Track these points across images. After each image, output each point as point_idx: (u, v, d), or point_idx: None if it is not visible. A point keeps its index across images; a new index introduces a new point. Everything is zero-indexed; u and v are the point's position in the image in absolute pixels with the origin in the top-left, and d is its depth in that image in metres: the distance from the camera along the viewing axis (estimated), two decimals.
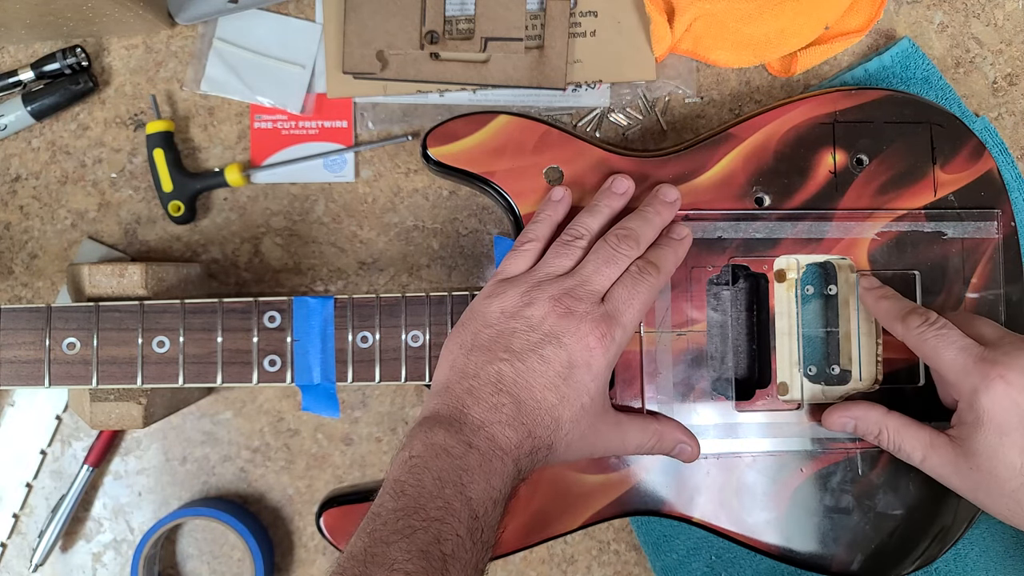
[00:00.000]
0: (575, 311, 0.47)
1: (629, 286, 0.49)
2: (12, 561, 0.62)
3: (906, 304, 0.53)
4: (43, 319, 0.51)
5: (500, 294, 0.48)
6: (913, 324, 0.51)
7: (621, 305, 0.48)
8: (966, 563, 0.60)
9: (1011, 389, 0.47)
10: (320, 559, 0.62)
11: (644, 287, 0.49)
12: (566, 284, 0.48)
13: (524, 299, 0.47)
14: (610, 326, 0.47)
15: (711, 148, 0.55)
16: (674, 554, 0.60)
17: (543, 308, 0.47)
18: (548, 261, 0.49)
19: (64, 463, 0.62)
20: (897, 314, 0.52)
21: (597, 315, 0.47)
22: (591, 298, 0.48)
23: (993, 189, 0.56)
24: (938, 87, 0.62)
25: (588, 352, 0.46)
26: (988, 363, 0.48)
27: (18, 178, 0.62)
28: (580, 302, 0.47)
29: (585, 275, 0.48)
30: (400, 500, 0.42)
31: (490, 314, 0.48)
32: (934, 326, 0.50)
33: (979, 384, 0.48)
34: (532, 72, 0.60)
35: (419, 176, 0.63)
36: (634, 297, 0.48)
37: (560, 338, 0.46)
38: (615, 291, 0.48)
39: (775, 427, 0.54)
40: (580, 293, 0.47)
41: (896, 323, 0.52)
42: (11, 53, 0.62)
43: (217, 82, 0.62)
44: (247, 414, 0.62)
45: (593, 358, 0.47)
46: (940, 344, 0.49)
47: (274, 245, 0.62)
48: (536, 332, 0.46)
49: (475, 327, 0.48)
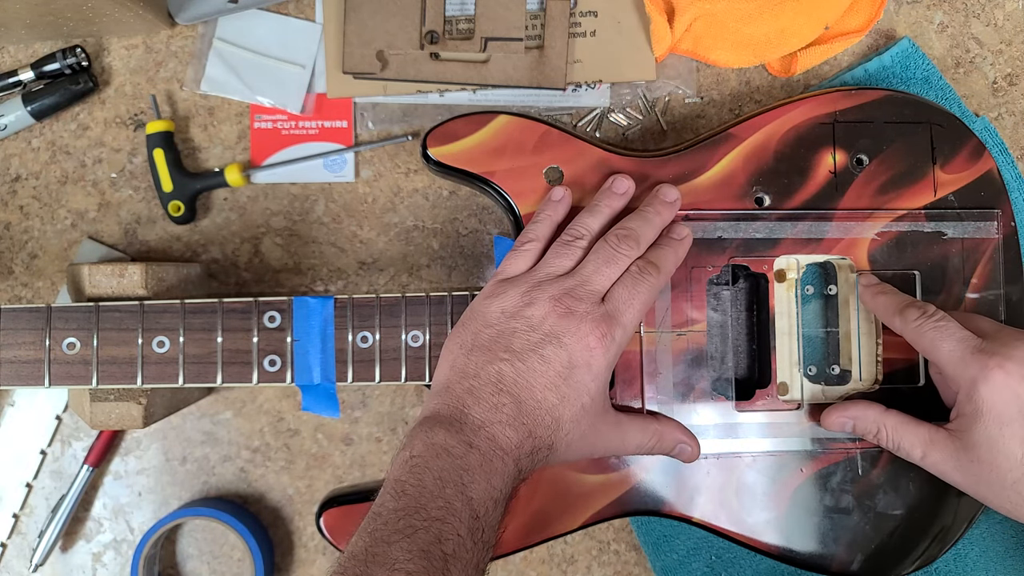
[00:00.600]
0: (575, 311, 0.47)
1: (629, 286, 0.49)
2: (12, 561, 0.62)
3: (904, 298, 0.53)
4: (43, 319, 0.51)
5: (500, 294, 0.48)
6: (911, 317, 0.51)
7: (621, 305, 0.48)
8: (966, 563, 0.60)
9: (1010, 379, 0.47)
10: (320, 559, 0.62)
11: (644, 287, 0.49)
12: (566, 284, 0.48)
13: (524, 299, 0.47)
14: (610, 326, 0.47)
15: (711, 148, 0.55)
16: (674, 554, 0.60)
17: (543, 308, 0.47)
18: (548, 261, 0.49)
19: (64, 463, 0.62)
20: (895, 308, 0.52)
21: (597, 315, 0.47)
22: (591, 298, 0.48)
23: (993, 189, 0.56)
24: (938, 87, 0.62)
25: (588, 352, 0.46)
26: (986, 354, 0.48)
27: (18, 178, 0.62)
28: (580, 302, 0.47)
29: (585, 275, 0.48)
30: (401, 500, 0.42)
31: (490, 314, 0.48)
32: (932, 318, 0.50)
33: (977, 375, 0.48)
34: (532, 72, 0.60)
35: (419, 176, 0.63)
36: (634, 297, 0.48)
37: (560, 338, 0.46)
38: (615, 291, 0.48)
39: (775, 427, 0.54)
40: (580, 293, 0.47)
41: (894, 317, 0.52)
42: (11, 53, 0.62)
43: (217, 82, 0.62)
44: (247, 414, 0.62)
45: (593, 358, 0.47)
46: (938, 336, 0.49)
47: (274, 245, 0.62)
48: (536, 332, 0.46)
49: (475, 327, 0.48)
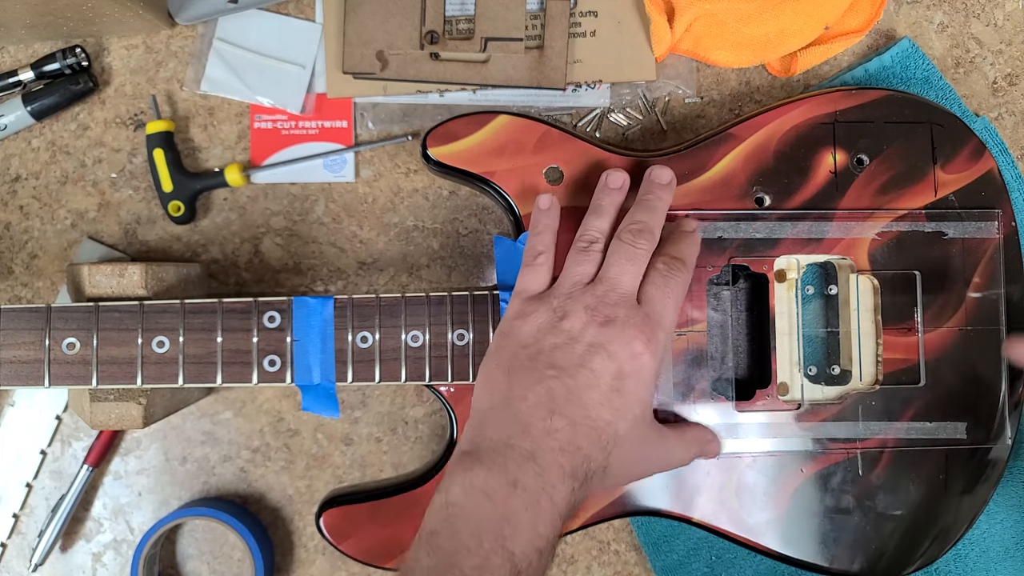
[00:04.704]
0: (615, 318, 0.45)
1: (661, 285, 0.47)
2: (12, 561, 0.62)
3: None
4: (43, 319, 0.51)
5: (531, 312, 0.46)
6: None
7: (658, 305, 0.46)
8: (966, 563, 0.60)
9: None
10: (320, 559, 0.62)
11: (675, 283, 0.47)
12: (598, 291, 0.46)
13: (558, 312, 0.45)
14: (653, 329, 0.45)
15: (711, 148, 0.55)
16: (674, 554, 0.60)
17: (581, 319, 0.45)
18: (570, 271, 0.48)
19: (64, 463, 0.62)
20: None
21: (638, 319, 0.45)
22: (626, 302, 0.46)
23: (993, 189, 0.56)
24: (938, 87, 0.62)
25: (636, 359, 0.44)
26: None
27: (18, 178, 0.62)
28: (618, 307, 0.45)
29: (612, 278, 0.46)
30: (434, 556, 0.39)
31: (525, 333, 0.45)
32: None
33: None
34: (532, 72, 0.60)
35: (419, 176, 0.63)
36: (668, 295, 0.47)
37: (606, 347, 0.44)
38: (648, 291, 0.47)
39: (775, 427, 0.54)
40: (614, 298, 0.45)
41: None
42: (11, 53, 0.62)
43: (217, 82, 0.62)
44: (247, 414, 0.62)
45: (643, 365, 0.44)
46: None
47: (274, 245, 0.62)
48: (580, 344, 0.44)
49: (512, 348, 0.45)
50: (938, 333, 0.55)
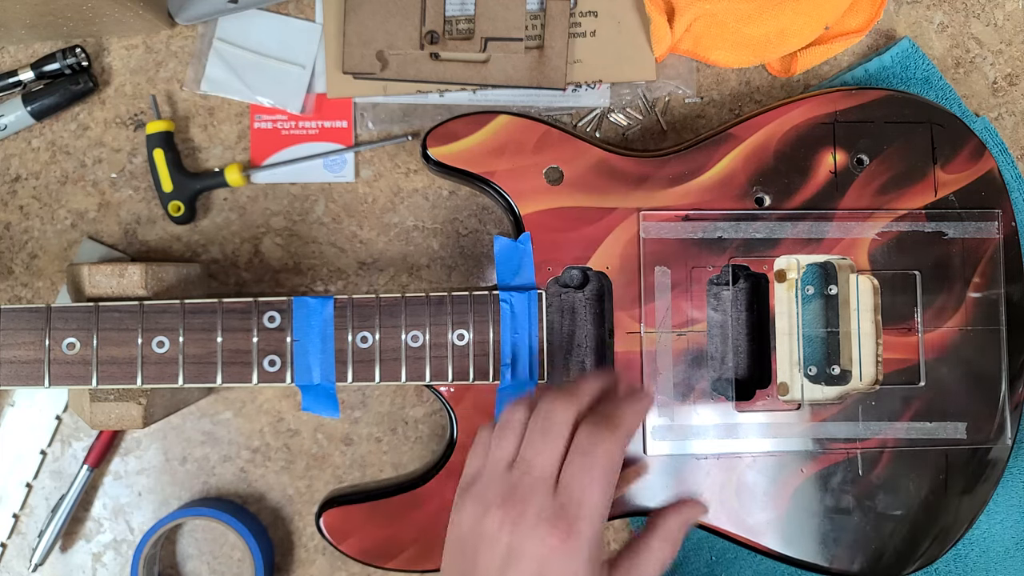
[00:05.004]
0: (526, 515, 0.40)
1: (579, 465, 0.41)
2: (12, 561, 0.62)
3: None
4: (43, 319, 0.51)
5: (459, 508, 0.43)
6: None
7: (576, 492, 0.40)
8: (966, 563, 0.60)
9: None
10: (320, 559, 0.62)
11: (600, 458, 0.41)
12: (511, 479, 0.41)
13: (478, 509, 0.41)
14: (570, 522, 0.40)
15: (711, 148, 0.55)
16: None
17: (496, 518, 0.40)
18: (492, 454, 0.43)
19: (64, 463, 0.62)
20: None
21: (550, 512, 0.40)
22: (540, 489, 0.40)
23: (993, 189, 0.56)
24: (938, 87, 0.62)
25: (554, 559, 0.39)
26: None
27: (18, 178, 0.62)
28: (529, 499, 0.40)
29: (527, 460, 0.42)
30: None
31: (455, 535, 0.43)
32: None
33: None
34: (532, 72, 0.60)
35: (419, 176, 0.63)
36: (589, 474, 0.41)
37: (522, 549, 0.40)
38: (567, 474, 0.41)
39: (775, 427, 0.54)
40: (527, 485, 0.41)
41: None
42: (11, 53, 0.62)
43: (217, 82, 0.62)
44: (247, 414, 0.62)
45: (566, 563, 0.40)
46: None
47: (274, 245, 0.62)
48: (499, 545, 0.40)
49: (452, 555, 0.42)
50: (938, 333, 0.55)
